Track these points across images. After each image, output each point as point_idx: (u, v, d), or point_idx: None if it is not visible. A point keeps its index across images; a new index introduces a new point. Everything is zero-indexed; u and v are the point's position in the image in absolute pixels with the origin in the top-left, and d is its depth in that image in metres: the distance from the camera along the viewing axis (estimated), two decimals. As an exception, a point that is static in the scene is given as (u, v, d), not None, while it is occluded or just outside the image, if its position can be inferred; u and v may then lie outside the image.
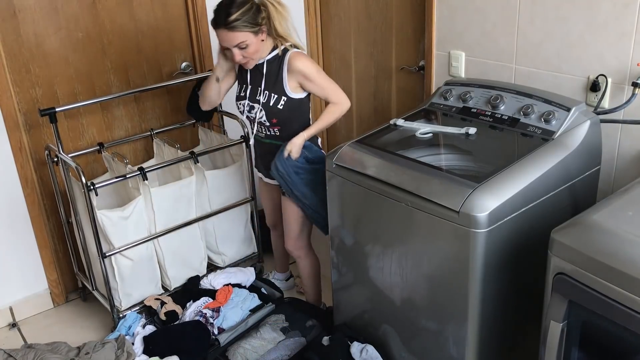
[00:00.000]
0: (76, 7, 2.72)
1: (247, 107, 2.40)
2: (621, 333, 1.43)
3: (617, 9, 1.97)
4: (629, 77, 2.00)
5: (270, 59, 2.31)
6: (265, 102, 2.33)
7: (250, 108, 2.39)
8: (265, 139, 2.45)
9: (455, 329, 1.92)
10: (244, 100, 2.40)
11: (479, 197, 1.73)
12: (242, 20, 2.15)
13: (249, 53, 2.23)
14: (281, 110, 2.32)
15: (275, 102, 2.32)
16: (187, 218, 2.77)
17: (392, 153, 2.06)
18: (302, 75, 2.28)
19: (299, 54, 2.30)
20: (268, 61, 2.31)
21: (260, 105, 2.34)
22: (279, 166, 2.33)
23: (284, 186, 2.40)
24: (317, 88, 2.32)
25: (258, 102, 2.35)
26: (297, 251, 2.63)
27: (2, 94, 2.59)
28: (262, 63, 2.32)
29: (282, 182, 2.38)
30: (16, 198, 2.77)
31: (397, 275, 2.06)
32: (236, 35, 2.17)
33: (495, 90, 2.22)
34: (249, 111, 2.40)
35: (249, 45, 2.20)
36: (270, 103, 2.32)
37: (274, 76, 2.31)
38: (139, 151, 3.10)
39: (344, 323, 2.42)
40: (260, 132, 2.44)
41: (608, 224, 1.49)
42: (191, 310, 2.65)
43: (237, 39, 2.18)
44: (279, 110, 2.32)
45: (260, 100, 2.34)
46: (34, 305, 2.96)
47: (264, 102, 2.33)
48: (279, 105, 2.31)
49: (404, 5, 2.77)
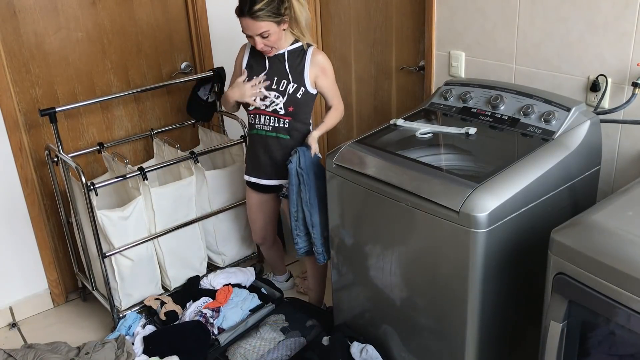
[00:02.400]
0: (76, 7, 2.72)
1: (261, 96, 2.38)
2: (621, 333, 1.44)
3: (617, 9, 1.97)
4: (629, 77, 2.00)
5: (291, 50, 2.35)
6: (284, 89, 2.34)
7: (263, 97, 2.37)
8: (271, 132, 2.41)
9: (455, 329, 1.92)
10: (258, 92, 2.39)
11: (479, 197, 1.73)
12: (266, 10, 2.18)
13: (270, 42, 2.26)
14: (299, 100, 2.34)
15: (294, 91, 2.34)
16: (187, 218, 2.77)
17: (392, 153, 2.05)
18: (322, 70, 2.35)
19: (321, 51, 2.41)
20: (289, 52, 2.35)
21: (277, 92, 2.35)
22: (302, 160, 2.30)
23: (295, 185, 2.33)
24: (329, 86, 2.39)
25: (275, 90, 2.35)
26: None
27: (2, 94, 2.59)
28: (283, 53, 2.34)
29: (295, 180, 2.32)
30: (16, 198, 2.77)
31: (397, 275, 2.06)
32: (260, 25, 2.20)
33: (495, 90, 2.22)
34: (262, 99, 2.38)
35: (271, 34, 2.24)
36: (290, 91, 2.34)
37: (294, 66, 2.34)
38: (139, 151, 3.10)
39: (344, 323, 2.42)
40: (267, 125, 2.40)
41: (608, 224, 1.49)
42: (191, 310, 2.65)
43: (261, 28, 2.21)
44: (297, 99, 2.34)
45: (278, 88, 2.35)
46: (34, 305, 2.96)
47: (282, 90, 2.34)
48: (297, 94, 2.34)
49: (404, 5, 2.77)
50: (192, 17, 3.02)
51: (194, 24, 3.03)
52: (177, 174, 2.86)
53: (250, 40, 2.30)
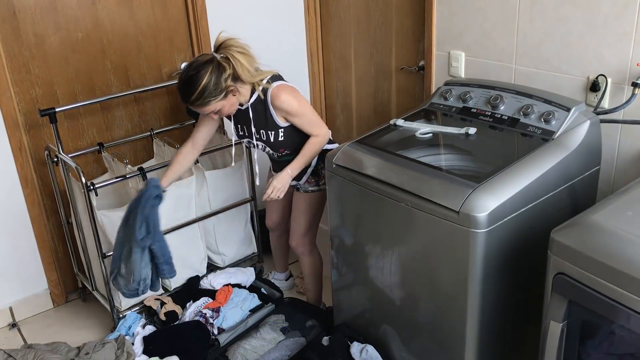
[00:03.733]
0: (76, 7, 2.72)
1: (251, 144, 2.42)
2: (621, 333, 1.44)
3: (617, 9, 1.97)
4: (628, 77, 2.00)
5: (253, 102, 2.28)
6: (266, 139, 2.35)
7: (255, 145, 2.41)
8: (278, 159, 2.47)
9: (455, 329, 1.92)
10: (244, 138, 2.43)
11: (479, 197, 1.73)
12: (204, 97, 2.11)
13: (225, 112, 2.23)
14: (284, 140, 2.34)
15: (275, 137, 2.33)
16: (187, 218, 2.77)
17: (392, 153, 2.05)
18: (287, 113, 2.26)
19: (279, 90, 2.23)
20: (252, 105, 2.29)
21: (262, 142, 2.37)
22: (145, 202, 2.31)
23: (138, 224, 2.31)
24: (300, 122, 2.29)
25: (258, 139, 2.37)
26: (302, 247, 2.63)
27: (2, 94, 2.59)
28: (247, 109, 2.30)
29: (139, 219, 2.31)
30: (16, 198, 2.77)
31: (397, 275, 2.06)
32: (207, 108, 2.17)
33: (495, 90, 2.21)
34: (255, 146, 2.42)
35: (224, 107, 2.20)
36: (271, 139, 2.34)
37: (262, 117, 2.30)
38: (139, 151, 3.10)
39: (344, 323, 2.42)
40: (273, 155, 2.47)
41: (608, 224, 1.49)
42: (191, 311, 2.66)
43: (208, 110, 2.19)
44: (282, 141, 2.34)
45: (260, 137, 2.36)
46: (34, 306, 2.96)
47: (264, 140, 2.35)
48: (279, 138, 2.33)
49: (404, 5, 2.77)
50: (192, 17, 3.01)
51: (194, 24, 3.03)
52: (177, 174, 2.86)
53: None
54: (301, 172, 2.42)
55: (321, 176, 2.48)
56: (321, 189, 2.50)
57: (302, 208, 2.54)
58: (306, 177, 2.47)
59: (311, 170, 2.46)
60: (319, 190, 2.50)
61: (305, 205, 2.53)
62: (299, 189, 2.51)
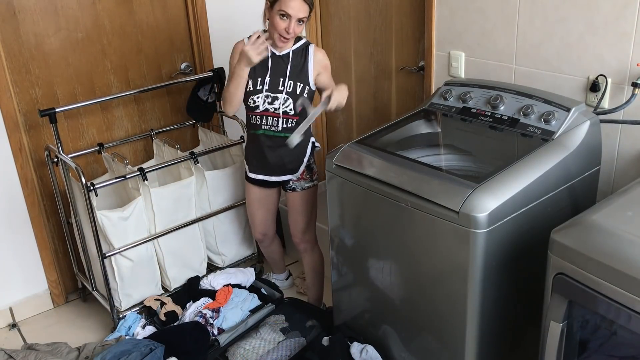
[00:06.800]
0: (76, 8, 2.72)
1: (269, 98, 2.35)
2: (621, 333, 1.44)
3: (617, 9, 1.97)
4: (628, 78, 2.00)
5: (295, 49, 2.36)
6: (292, 91, 2.34)
7: (272, 99, 2.35)
8: (280, 133, 2.39)
9: (455, 329, 1.92)
10: (260, 93, 2.35)
11: (479, 197, 1.73)
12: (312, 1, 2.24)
13: (299, 30, 2.27)
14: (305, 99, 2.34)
15: (301, 91, 2.34)
16: (187, 218, 2.77)
17: (392, 153, 2.06)
18: (324, 67, 2.39)
19: (319, 48, 2.44)
20: (293, 52, 2.35)
21: (285, 94, 2.34)
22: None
23: None
24: (327, 80, 2.40)
25: (282, 92, 2.34)
26: (304, 244, 2.64)
27: (2, 94, 2.59)
28: (288, 53, 2.35)
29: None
30: (16, 198, 2.77)
31: (397, 275, 2.06)
32: (306, 8, 2.23)
33: (495, 90, 2.21)
34: (270, 103, 2.35)
35: (305, 22, 2.27)
36: (297, 92, 2.34)
37: (299, 66, 2.35)
38: (139, 151, 3.10)
39: (344, 323, 2.42)
40: (275, 126, 2.39)
41: (608, 224, 1.49)
42: (191, 311, 2.65)
43: (305, 12, 2.23)
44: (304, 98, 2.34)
45: (284, 90, 2.34)
46: (34, 306, 2.96)
47: (289, 92, 2.34)
48: (304, 93, 2.35)
49: (404, 5, 2.77)
50: (192, 17, 3.02)
51: (194, 24, 3.03)
52: (177, 175, 2.86)
53: (280, 24, 2.22)
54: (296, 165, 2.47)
55: (314, 170, 2.54)
56: (315, 183, 2.54)
57: (300, 208, 2.54)
58: (300, 171, 2.49)
59: (305, 166, 2.49)
60: (313, 185, 2.54)
61: (302, 204, 2.53)
62: (293, 189, 2.51)
